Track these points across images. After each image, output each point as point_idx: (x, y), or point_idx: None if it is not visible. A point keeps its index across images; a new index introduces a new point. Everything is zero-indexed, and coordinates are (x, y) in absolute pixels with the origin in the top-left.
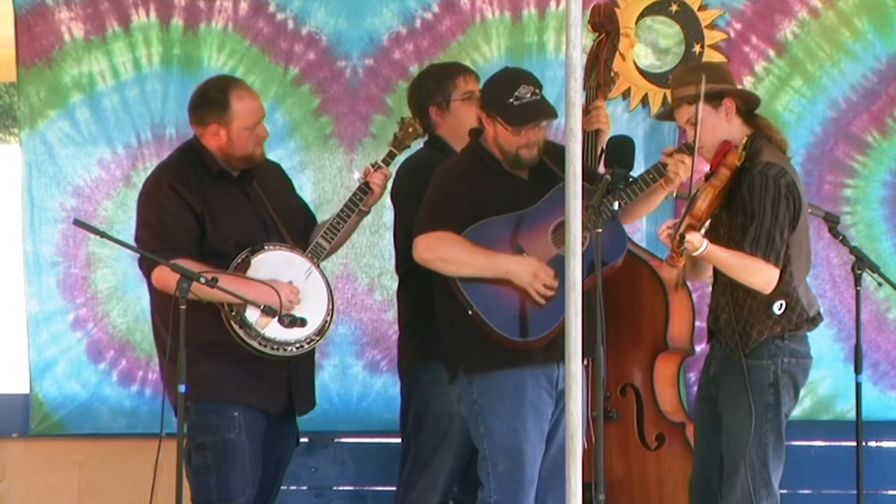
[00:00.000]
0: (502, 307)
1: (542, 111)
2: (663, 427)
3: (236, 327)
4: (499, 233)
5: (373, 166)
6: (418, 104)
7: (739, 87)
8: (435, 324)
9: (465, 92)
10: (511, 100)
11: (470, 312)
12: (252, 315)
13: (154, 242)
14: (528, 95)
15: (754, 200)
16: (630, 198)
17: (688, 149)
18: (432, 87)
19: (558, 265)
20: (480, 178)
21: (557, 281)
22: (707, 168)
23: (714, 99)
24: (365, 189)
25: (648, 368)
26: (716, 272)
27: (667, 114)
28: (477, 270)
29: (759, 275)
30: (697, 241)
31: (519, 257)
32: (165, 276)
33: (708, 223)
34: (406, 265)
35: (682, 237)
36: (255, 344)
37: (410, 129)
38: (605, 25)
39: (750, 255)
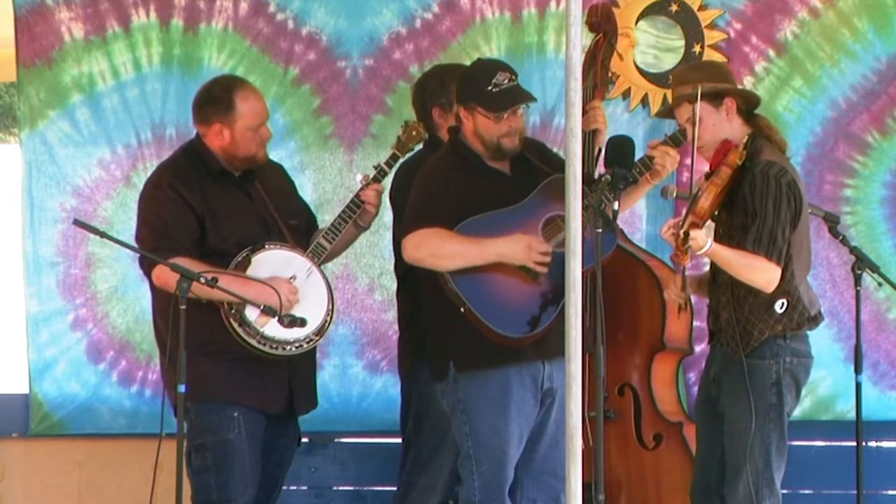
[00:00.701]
0: (496, 304)
1: (521, 95)
2: (661, 427)
3: (235, 325)
4: (489, 229)
5: (374, 167)
6: (422, 105)
7: (740, 86)
8: None
9: None
10: (489, 87)
11: (462, 310)
12: (251, 313)
13: (154, 241)
14: (506, 82)
15: (755, 199)
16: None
17: (673, 140)
18: (436, 87)
19: (550, 261)
20: (463, 175)
21: (551, 247)
22: (706, 167)
23: (715, 98)
24: (360, 196)
25: (646, 368)
26: (715, 271)
27: (667, 112)
28: (469, 260)
29: (762, 273)
30: (702, 239)
31: (507, 237)
32: (166, 275)
33: (709, 222)
34: (405, 265)
35: (687, 235)
36: (253, 342)
37: (414, 133)
38: (602, 26)
39: (752, 254)
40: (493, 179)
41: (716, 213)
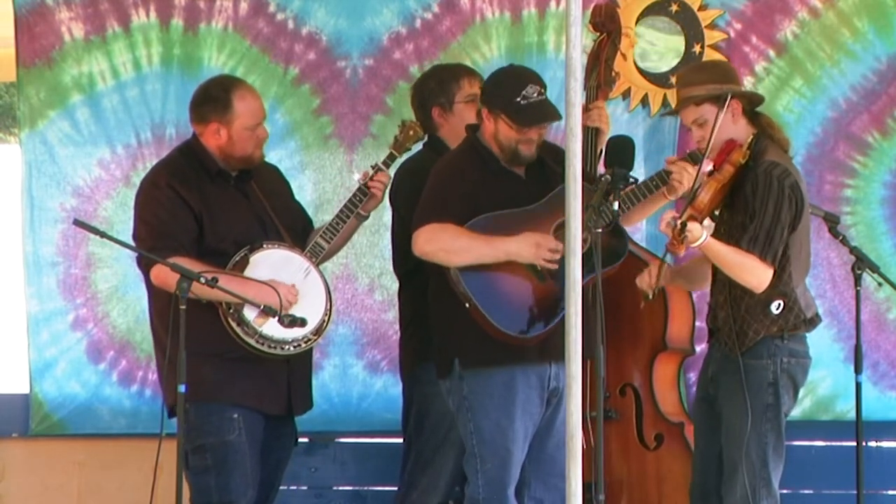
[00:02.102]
0: (502, 301)
1: (549, 113)
2: (662, 427)
3: (234, 325)
4: (499, 228)
5: (373, 168)
6: (421, 105)
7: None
8: None
9: (468, 94)
10: (518, 99)
11: (467, 305)
12: (250, 313)
13: (152, 240)
14: (535, 95)
15: (757, 199)
16: (632, 203)
17: (692, 158)
18: (436, 88)
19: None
20: (478, 173)
21: (561, 244)
22: (710, 168)
23: (720, 100)
24: (364, 191)
25: (647, 369)
26: (714, 270)
27: (672, 112)
28: (478, 257)
29: (753, 274)
30: (698, 232)
31: (516, 236)
32: (164, 274)
33: (708, 221)
34: (406, 266)
35: (684, 225)
36: (252, 342)
37: (411, 132)
38: (606, 25)
39: (746, 253)
40: (506, 180)
41: (717, 212)
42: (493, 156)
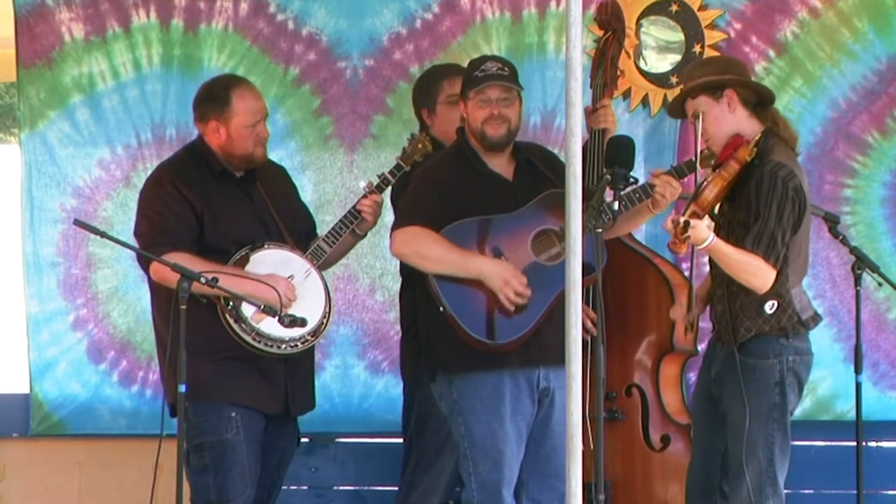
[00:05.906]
0: (475, 308)
1: (502, 76)
2: (669, 428)
3: (231, 321)
4: (478, 233)
5: (379, 177)
6: (414, 107)
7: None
8: None
9: (449, 95)
10: (477, 73)
11: (441, 309)
12: (248, 310)
13: (153, 236)
14: (494, 69)
15: (760, 199)
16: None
17: (676, 171)
18: (424, 90)
19: (535, 272)
20: (463, 175)
21: (530, 290)
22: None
23: (715, 90)
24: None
25: (654, 369)
26: (712, 264)
27: (677, 112)
28: (451, 269)
29: (757, 275)
30: (704, 233)
31: (494, 261)
32: (163, 269)
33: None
34: (410, 267)
35: (687, 224)
36: (248, 339)
37: (419, 145)
38: (611, 24)
39: (751, 254)
40: (492, 183)
41: (717, 205)
42: (477, 156)
